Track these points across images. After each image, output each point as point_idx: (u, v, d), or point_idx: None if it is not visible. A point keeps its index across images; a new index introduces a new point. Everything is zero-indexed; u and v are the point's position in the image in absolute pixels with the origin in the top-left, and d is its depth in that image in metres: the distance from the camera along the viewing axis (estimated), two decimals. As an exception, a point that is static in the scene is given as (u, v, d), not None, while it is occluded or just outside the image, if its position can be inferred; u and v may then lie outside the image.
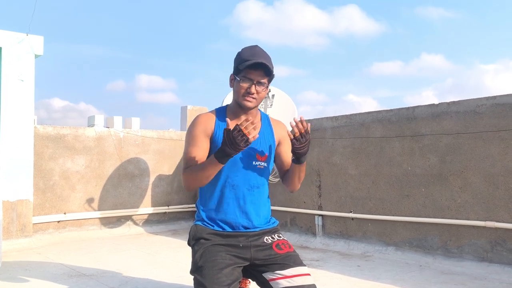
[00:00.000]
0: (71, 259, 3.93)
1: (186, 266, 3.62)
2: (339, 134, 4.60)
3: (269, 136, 2.19)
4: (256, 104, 2.09)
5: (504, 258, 3.37)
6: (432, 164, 3.83)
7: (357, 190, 4.43)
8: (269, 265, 2.08)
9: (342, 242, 4.47)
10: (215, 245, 2.07)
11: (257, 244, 2.11)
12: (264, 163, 2.14)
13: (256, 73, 2.02)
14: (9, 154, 4.50)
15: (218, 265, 1.98)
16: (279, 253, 2.10)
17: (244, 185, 2.11)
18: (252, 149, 2.10)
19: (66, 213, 5.11)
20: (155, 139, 5.90)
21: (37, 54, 4.70)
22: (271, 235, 2.18)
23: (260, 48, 2.11)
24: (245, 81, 2.03)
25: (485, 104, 3.54)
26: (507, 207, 3.36)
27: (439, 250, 3.74)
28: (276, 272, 2.05)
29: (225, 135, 1.86)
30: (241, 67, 2.02)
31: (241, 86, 2.04)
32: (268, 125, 2.23)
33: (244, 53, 2.07)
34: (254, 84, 2.03)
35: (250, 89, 2.02)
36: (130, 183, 5.67)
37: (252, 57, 2.02)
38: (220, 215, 2.13)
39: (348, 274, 3.40)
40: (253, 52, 2.06)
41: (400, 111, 4.11)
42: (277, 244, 2.14)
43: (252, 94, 2.03)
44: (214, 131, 2.10)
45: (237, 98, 2.08)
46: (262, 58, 2.03)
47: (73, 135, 5.25)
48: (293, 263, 2.08)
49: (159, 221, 5.89)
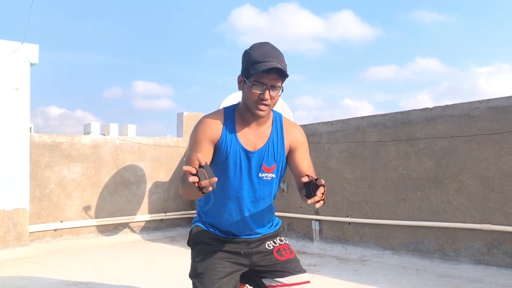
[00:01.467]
0: (68, 268, 3.92)
1: (184, 273, 3.61)
2: (334, 139, 4.62)
3: (279, 143, 2.01)
4: (270, 111, 1.92)
5: (500, 260, 3.38)
6: (427, 167, 3.85)
7: (353, 195, 4.44)
8: (269, 271, 2.05)
9: (339, 247, 4.48)
10: (215, 252, 2.03)
11: (258, 251, 2.07)
12: (271, 174, 2.00)
13: (270, 77, 1.81)
14: (5, 163, 4.49)
15: (218, 274, 1.95)
16: (280, 260, 2.06)
17: (248, 198, 2.00)
18: (258, 160, 1.97)
19: (62, 221, 5.09)
20: (152, 146, 5.91)
21: (32, 63, 4.70)
22: (273, 240, 2.13)
23: (272, 46, 1.89)
24: (258, 87, 1.83)
25: (479, 107, 3.56)
26: (503, 210, 3.38)
27: (436, 254, 3.75)
28: (276, 280, 2.03)
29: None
30: (252, 71, 1.81)
31: (253, 92, 1.83)
32: (279, 130, 2.04)
33: (255, 53, 1.84)
34: (268, 89, 1.83)
35: (264, 95, 1.83)
36: (127, 190, 5.66)
37: (264, 58, 1.81)
38: (221, 223, 2.07)
39: (346, 279, 3.41)
40: (264, 52, 1.84)
41: (395, 115, 4.13)
42: (278, 249, 2.10)
43: (266, 101, 1.84)
44: (220, 138, 1.94)
45: (249, 105, 1.88)
46: (275, 58, 1.82)
47: (69, 143, 5.25)
48: (293, 270, 2.04)
49: (156, 228, 5.88)
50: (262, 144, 1.98)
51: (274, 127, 2.02)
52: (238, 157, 1.95)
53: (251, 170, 1.98)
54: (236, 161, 1.95)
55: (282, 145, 2.02)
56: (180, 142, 6.21)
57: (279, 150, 2.01)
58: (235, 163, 1.95)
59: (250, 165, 1.96)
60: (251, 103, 1.86)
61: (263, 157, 1.98)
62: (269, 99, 1.84)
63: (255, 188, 2.01)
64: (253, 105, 1.86)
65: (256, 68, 1.79)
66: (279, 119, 2.06)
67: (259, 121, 1.96)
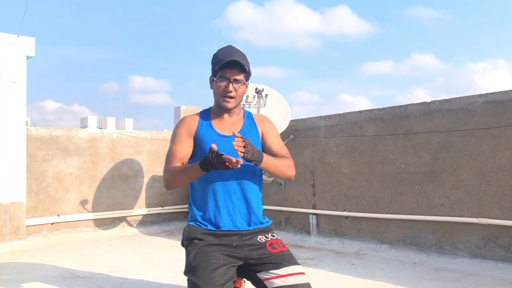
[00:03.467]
0: (65, 261, 3.92)
1: (181, 266, 3.61)
2: (332, 133, 4.61)
3: (252, 129, 2.22)
4: (236, 104, 2.14)
5: (497, 254, 3.39)
6: (425, 162, 3.86)
7: (350, 189, 4.44)
8: (263, 265, 2.08)
9: (336, 241, 4.49)
10: (208, 245, 2.07)
11: (251, 243, 2.10)
12: None
13: (232, 71, 2.06)
14: (1, 156, 4.47)
15: (212, 265, 1.98)
16: (273, 252, 2.09)
17: (232, 178, 2.12)
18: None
19: (59, 215, 5.08)
20: (149, 140, 5.89)
21: (28, 56, 4.67)
22: (264, 235, 2.18)
23: (234, 47, 2.16)
24: (222, 80, 2.07)
25: (477, 101, 3.57)
26: (499, 204, 3.39)
27: (432, 248, 3.76)
28: (270, 272, 2.05)
29: (209, 156, 1.87)
30: (217, 68, 2.07)
31: (218, 86, 2.09)
32: (251, 120, 2.26)
33: (219, 54, 2.12)
34: (231, 82, 2.07)
35: (228, 88, 2.06)
36: (124, 184, 5.65)
37: (226, 56, 2.07)
38: (212, 213, 2.12)
39: (343, 273, 3.41)
40: (227, 52, 2.10)
41: (392, 109, 4.13)
42: (271, 243, 2.14)
43: (230, 93, 2.07)
44: (197, 129, 2.16)
45: (217, 99, 2.13)
46: (236, 56, 2.07)
47: (66, 137, 5.23)
48: (287, 262, 2.08)
49: (153, 222, 5.87)
50: (237, 130, 2.17)
51: (246, 118, 2.25)
52: (215, 142, 2.03)
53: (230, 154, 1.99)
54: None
55: (256, 130, 2.24)
56: (178, 136, 6.19)
57: (253, 135, 2.21)
58: None
59: (227, 149, 2.02)
60: (219, 96, 2.10)
61: None
62: (233, 91, 2.07)
63: (239, 172, 2.10)
64: (221, 99, 2.10)
65: (219, 64, 2.05)
66: (250, 114, 2.29)
67: (231, 114, 2.18)
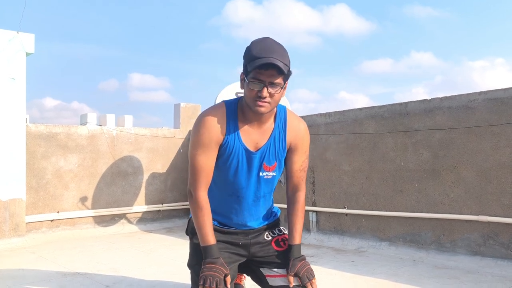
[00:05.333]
0: (65, 258, 3.92)
1: (181, 263, 3.63)
2: (332, 130, 4.61)
3: (280, 141, 1.98)
4: (271, 108, 1.85)
5: (496, 251, 3.39)
6: (425, 159, 3.85)
7: (350, 186, 4.44)
8: (267, 262, 2.07)
9: (336, 238, 4.49)
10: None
11: (257, 241, 2.08)
12: (272, 173, 2.01)
13: (268, 73, 1.75)
14: (1, 153, 4.46)
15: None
16: (278, 251, 2.08)
17: (249, 197, 2.02)
18: (260, 160, 1.96)
19: (59, 212, 5.08)
20: (148, 137, 5.88)
21: (28, 52, 4.66)
22: (271, 231, 2.15)
23: (272, 41, 1.83)
24: (255, 84, 1.77)
25: (477, 99, 3.56)
26: (499, 201, 3.39)
27: (432, 245, 3.77)
28: (274, 270, 2.05)
29: (205, 265, 1.85)
30: (249, 68, 1.76)
31: (250, 90, 1.79)
32: (282, 126, 1.99)
33: (253, 49, 1.78)
34: (266, 86, 1.76)
35: (262, 93, 1.77)
36: (124, 181, 5.65)
37: (261, 53, 1.74)
38: (221, 216, 2.08)
39: (343, 270, 3.42)
40: (263, 47, 1.77)
41: (392, 106, 4.13)
42: (277, 240, 2.12)
43: (264, 98, 1.78)
44: (225, 139, 1.91)
45: (249, 102, 1.84)
46: (274, 54, 1.75)
47: (65, 134, 5.22)
48: None
49: (153, 219, 5.88)
50: (263, 143, 1.96)
51: (277, 123, 1.99)
52: (240, 157, 1.94)
53: (253, 169, 1.98)
54: (239, 161, 1.95)
55: (284, 142, 1.99)
56: (177, 133, 6.19)
57: (280, 148, 1.99)
58: (237, 162, 1.95)
59: (251, 165, 1.96)
60: (250, 100, 1.82)
61: (264, 156, 1.97)
62: (267, 97, 1.78)
63: (256, 187, 2.02)
64: (252, 103, 1.82)
65: (253, 64, 1.74)
66: (283, 114, 2.02)
67: (261, 119, 1.93)
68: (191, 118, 6.36)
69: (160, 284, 3.07)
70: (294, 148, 2.02)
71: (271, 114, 1.96)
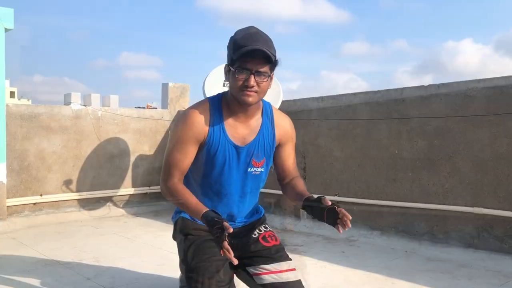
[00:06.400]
0: (46, 245, 3.78)
1: (166, 252, 3.51)
2: (325, 115, 4.47)
3: (269, 136, 1.92)
4: (258, 99, 1.79)
5: (490, 244, 3.32)
6: (420, 148, 3.74)
7: (342, 173, 4.33)
8: (254, 258, 1.99)
9: (326, 226, 4.37)
10: (206, 241, 1.93)
11: (245, 241, 2.02)
12: (260, 169, 1.94)
13: (254, 61, 1.69)
14: (-21, 135, 4.27)
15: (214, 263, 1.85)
16: (266, 246, 2.01)
17: (236, 193, 1.95)
18: (248, 155, 1.88)
19: (42, 195, 4.92)
20: (135, 118, 5.70)
21: (7, 28, 4.41)
22: (258, 227, 2.09)
23: (256, 30, 1.77)
24: (242, 72, 1.70)
25: (476, 87, 3.43)
26: (495, 193, 3.30)
27: (425, 236, 3.69)
28: (260, 267, 1.96)
29: (213, 228, 1.59)
30: (235, 56, 1.69)
31: (237, 78, 1.71)
32: (269, 121, 1.93)
33: (238, 38, 1.73)
34: (253, 74, 1.70)
35: (249, 82, 1.70)
36: (110, 163, 5.49)
37: (247, 42, 1.69)
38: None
39: (333, 261, 3.32)
40: (248, 36, 1.72)
41: (388, 92, 3.99)
42: (264, 236, 2.05)
43: (252, 87, 1.71)
44: (208, 135, 1.82)
45: (235, 93, 1.76)
46: (259, 42, 1.69)
47: (48, 114, 5.02)
48: (279, 257, 1.99)
49: (140, 202, 5.74)
50: (252, 138, 1.88)
51: (265, 118, 1.92)
52: (227, 153, 1.85)
53: (240, 165, 1.90)
54: (225, 157, 1.85)
55: (273, 138, 1.93)
56: (165, 114, 6.01)
57: (269, 144, 1.92)
58: (224, 159, 1.85)
59: (239, 161, 1.88)
60: (237, 91, 1.74)
61: (253, 151, 1.89)
62: (255, 85, 1.71)
63: (243, 183, 1.94)
64: (239, 93, 1.74)
65: (239, 52, 1.67)
66: (269, 110, 1.95)
67: (248, 113, 1.85)
68: (180, 98, 6.17)
69: (144, 277, 2.95)
70: (284, 143, 1.99)
71: (258, 108, 1.90)
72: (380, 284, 2.83)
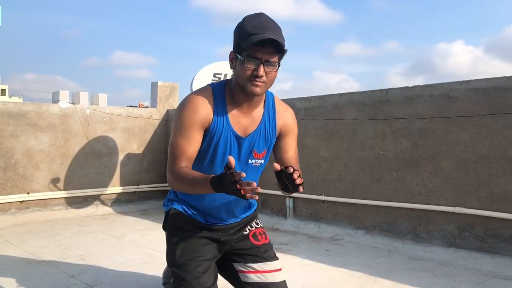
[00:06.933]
0: (32, 243, 3.78)
1: (152, 251, 3.53)
2: (311, 115, 4.50)
3: (270, 127, 1.89)
4: (265, 89, 1.74)
5: (471, 244, 3.37)
6: (404, 148, 3.78)
7: (328, 173, 4.37)
8: (241, 255, 2.00)
9: (312, 225, 4.43)
10: (196, 238, 1.92)
11: (237, 237, 2.02)
12: (260, 160, 1.90)
13: (265, 50, 1.63)
14: (-34, 132, 4.26)
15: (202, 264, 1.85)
16: (255, 244, 2.02)
17: None
18: (249, 146, 1.85)
19: (29, 193, 4.91)
20: (124, 117, 5.70)
21: (-6, 26, 4.41)
22: (250, 224, 2.08)
23: (267, 17, 1.71)
24: (251, 62, 1.65)
25: (459, 88, 3.48)
26: (477, 193, 3.35)
27: (408, 235, 3.73)
28: (247, 265, 1.98)
29: (224, 173, 1.49)
30: (244, 45, 1.63)
31: (246, 68, 1.66)
32: (271, 112, 1.89)
33: (247, 25, 1.66)
34: (262, 64, 1.65)
35: (258, 71, 1.65)
36: (98, 161, 5.49)
37: (258, 29, 1.63)
38: (202, 207, 1.95)
39: (317, 260, 3.36)
40: (258, 24, 1.66)
41: (373, 93, 4.03)
42: (254, 233, 2.06)
43: (261, 77, 1.66)
44: (212, 123, 1.76)
45: (242, 83, 1.70)
46: (270, 31, 1.64)
47: (36, 112, 5.02)
48: (267, 256, 2.01)
49: (128, 200, 5.75)
50: (253, 129, 1.84)
51: (267, 108, 1.87)
52: (228, 143, 1.80)
53: (241, 156, 1.86)
54: (226, 147, 1.81)
55: (274, 129, 1.89)
56: (154, 113, 6.02)
57: (270, 135, 1.89)
58: (225, 149, 1.81)
59: (240, 152, 1.84)
60: (244, 80, 1.69)
61: (254, 142, 1.85)
62: (264, 76, 1.67)
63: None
64: (246, 83, 1.69)
65: (249, 40, 1.62)
66: (271, 100, 1.91)
67: (252, 103, 1.81)
68: (169, 97, 6.18)
69: (128, 275, 2.96)
70: (285, 134, 1.94)
71: (262, 98, 1.85)
72: (362, 283, 2.87)
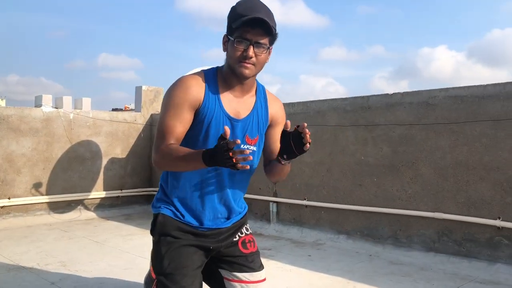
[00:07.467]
0: (12, 249, 3.75)
1: (134, 257, 3.53)
2: (295, 121, 4.52)
3: (263, 114, 1.90)
4: (255, 72, 1.77)
5: (449, 248, 3.43)
6: (384, 154, 3.84)
7: (311, 178, 4.41)
8: (229, 262, 1.99)
9: (295, 229, 4.46)
10: (185, 246, 1.86)
11: (226, 244, 1.98)
12: (253, 147, 1.87)
13: (254, 31, 1.67)
14: None
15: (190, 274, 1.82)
16: (243, 253, 2.00)
17: (227, 170, 1.81)
18: (242, 130, 1.83)
19: (10, 198, 4.87)
20: (107, 121, 5.68)
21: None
22: (240, 230, 2.04)
23: (259, 1, 1.74)
24: (241, 43, 1.68)
25: (438, 96, 3.55)
26: (455, 199, 3.41)
27: (389, 240, 3.78)
28: (233, 273, 1.97)
29: (218, 143, 1.49)
30: (234, 25, 1.67)
31: (236, 48, 1.69)
32: (263, 100, 1.92)
33: (239, 8, 1.70)
34: (252, 45, 1.68)
35: (247, 52, 1.68)
36: (81, 166, 5.46)
37: (248, 11, 1.66)
38: (195, 200, 1.87)
39: (299, 265, 3.39)
40: (250, 5, 1.70)
41: (355, 100, 4.08)
42: (243, 241, 2.03)
43: (250, 58, 1.69)
44: (203, 102, 1.75)
45: (232, 64, 1.73)
46: (261, 13, 1.67)
47: (18, 116, 4.98)
48: (254, 266, 2.00)
49: (111, 205, 5.72)
50: (246, 113, 1.84)
51: (258, 97, 1.90)
52: (220, 125, 1.77)
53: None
54: (219, 129, 1.76)
55: (266, 117, 1.91)
56: (138, 117, 6.01)
57: (263, 122, 1.90)
58: (217, 131, 1.76)
59: (233, 135, 1.79)
60: (234, 61, 1.71)
61: (247, 127, 1.85)
62: (253, 57, 1.69)
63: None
64: (236, 63, 1.71)
65: (239, 21, 1.65)
66: (262, 90, 1.94)
67: (244, 87, 1.82)
68: (154, 101, 6.18)
69: (109, 281, 2.96)
70: (275, 125, 1.95)
71: (253, 84, 1.87)
72: (342, 288, 2.91)
